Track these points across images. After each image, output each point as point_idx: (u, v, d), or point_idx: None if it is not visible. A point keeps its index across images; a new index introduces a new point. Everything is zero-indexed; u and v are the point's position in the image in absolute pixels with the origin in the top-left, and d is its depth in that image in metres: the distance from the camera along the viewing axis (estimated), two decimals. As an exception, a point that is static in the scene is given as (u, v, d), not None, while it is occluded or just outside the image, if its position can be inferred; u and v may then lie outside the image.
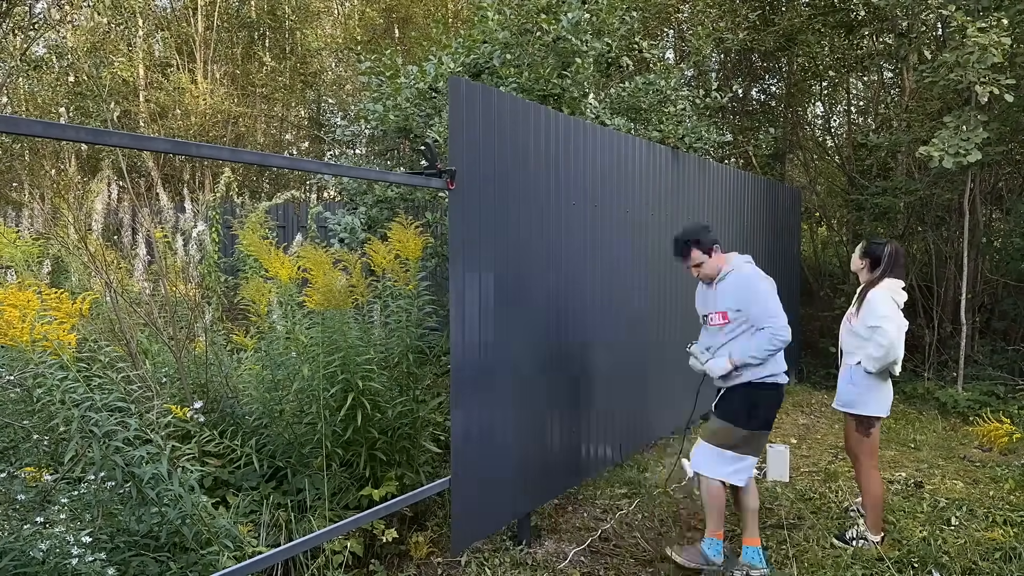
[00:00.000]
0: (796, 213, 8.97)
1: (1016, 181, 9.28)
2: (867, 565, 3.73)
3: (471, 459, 3.52)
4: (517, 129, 3.78)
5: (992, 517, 4.32)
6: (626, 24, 6.65)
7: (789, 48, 9.80)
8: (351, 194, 6.27)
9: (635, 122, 6.53)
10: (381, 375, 3.87)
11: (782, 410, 7.25)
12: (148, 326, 4.21)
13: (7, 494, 2.74)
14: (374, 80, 6.49)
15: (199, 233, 4.83)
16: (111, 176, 4.77)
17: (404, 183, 5.14)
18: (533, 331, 3.98)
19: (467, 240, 3.43)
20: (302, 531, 3.42)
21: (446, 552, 3.86)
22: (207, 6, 15.80)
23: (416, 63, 6.54)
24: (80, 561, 2.47)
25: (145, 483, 2.78)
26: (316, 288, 3.67)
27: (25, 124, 2.05)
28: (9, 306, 2.60)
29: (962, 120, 6.80)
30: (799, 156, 11.50)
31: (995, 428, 6.01)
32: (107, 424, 2.72)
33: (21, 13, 12.02)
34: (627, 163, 4.96)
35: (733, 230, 6.89)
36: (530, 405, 3.97)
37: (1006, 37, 6.35)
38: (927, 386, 7.90)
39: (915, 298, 9.38)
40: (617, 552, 3.98)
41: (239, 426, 3.91)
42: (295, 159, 3.26)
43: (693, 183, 5.99)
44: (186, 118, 14.85)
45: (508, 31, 5.89)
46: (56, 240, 5.31)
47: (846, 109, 11.89)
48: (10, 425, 3.31)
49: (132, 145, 2.38)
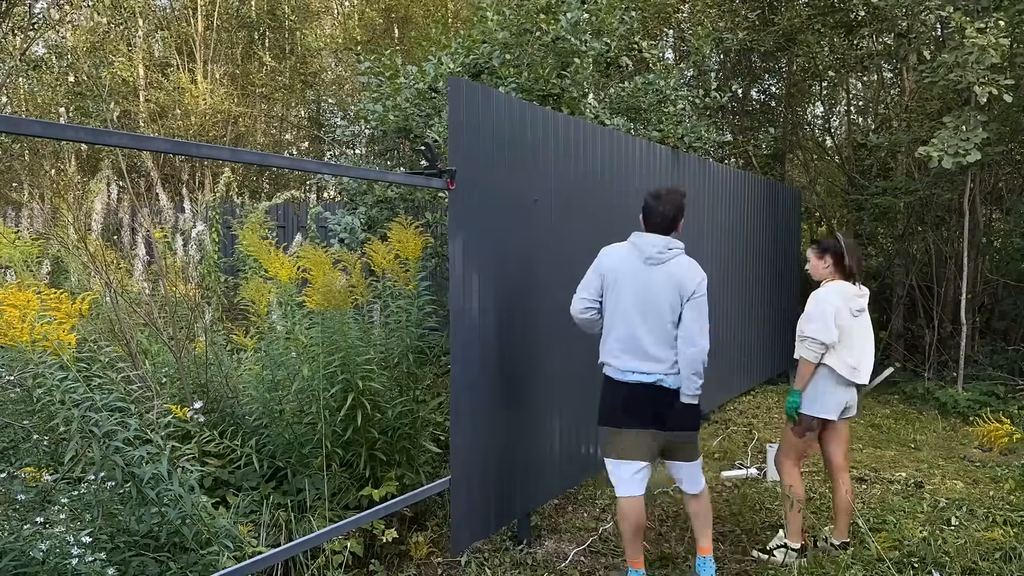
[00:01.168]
0: (796, 213, 8.97)
1: (1016, 181, 9.28)
2: (867, 565, 3.72)
3: (471, 459, 3.52)
4: (517, 129, 3.78)
5: (992, 517, 4.32)
6: (625, 24, 6.65)
7: (789, 48, 9.79)
8: (351, 194, 6.26)
9: (635, 122, 6.53)
10: (381, 375, 3.87)
11: (782, 409, 7.24)
12: (148, 326, 4.21)
13: (7, 494, 2.74)
14: (374, 80, 6.49)
15: (199, 233, 4.82)
16: (111, 176, 4.76)
17: (404, 183, 5.14)
18: (534, 331, 3.98)
19: (467, 240, 3.43)
20: (302, 531, 3.42)
21: (446, 552, 3.86)
22: (207, 6, 15.80)
23: (416, 63, 6.54)
24: (80, 561, 2.46)
25: (145, 483, 2.77)
26: (316, 288, 3.67)
27: (25, 124, 2.05)
28: (9, 306, 2.60)
29: (961, 120, 6.80)
30: (799, 156, 11.49)
31: (995, 428, 6.01)
32: (107, 424, 2.71)
33: (21, 13, 12.01)
34: (627, 163, 4.96)
35: (733, 230, 6.89)
36: (531, 405, 3.97)
37: (1004, 38, 6.35)
38: (927, 386, 7.90)
39: (915, 298, 9.39)
40: (617, 552, 3.98)
41: (239, 426, 3.90)
42: (295, 159, 3.27)
43: (693, 183, 5.99)
44: (186, 118, 14.84)
45: (507, 31, 5.89)
46: (56, 240, 5.30)
47: (846, 109, 11.89)
48: (10, 425, 3.31)
49: (132, 145, 2.37)
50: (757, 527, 4.32)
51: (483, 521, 3.68)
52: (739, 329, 7.04)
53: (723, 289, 6.52)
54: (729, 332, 6.74)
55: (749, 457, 5.67)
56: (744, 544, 4.09)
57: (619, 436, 3.33)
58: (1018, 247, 8.39)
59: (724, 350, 6.64)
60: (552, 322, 4.11)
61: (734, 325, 6.89)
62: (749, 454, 5.75)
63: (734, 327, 6.89)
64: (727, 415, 6.94)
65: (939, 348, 8.76)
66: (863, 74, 10.75)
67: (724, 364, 6.66)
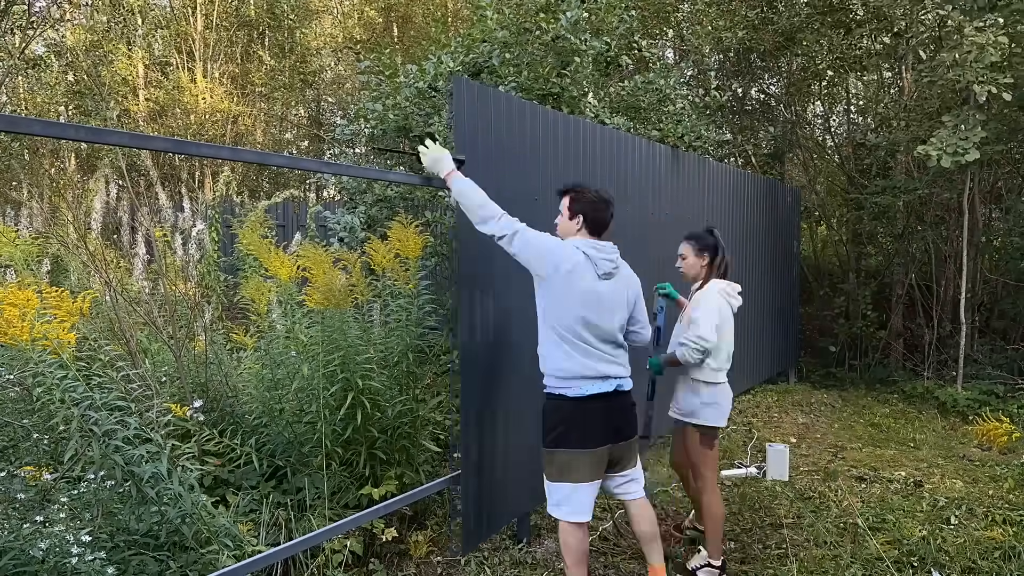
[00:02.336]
0: (796, 212, 8.97)
1: (1015, 180, 9.28)
2: (866, 564, 3.73)
3: (476, 459, 3.53)
4: (517, 128, 3.78)
5: (991, 516, 4.32)
6: (625, 23, 6.65)
7: (788, 47, 9.79)
8: (351, 193, 6.27)
9: (634, 121, 6.53)
10: (381, 374, 3.87)
11: (782, 409, 7.26)
12: (148, 325, 4.21)
13: (7, 493, 2.74)
14: (373, 79, 6.49)
15: (198, 232, 4.82)
16: (110, 175, 4.76)
17: (404, 182, 5.14)
18: (536, 330, 3.97)
19: (469, 238, 3.43)
20: (302, 530, 3.42)
21: (446, 551, 3.86)
22: (206, 5, 15.79)
23: (415, 62, 6.54)
24: (80, 560, 2.46)
25: (145, 482, 2.78)
26: (316, 287, 3.67)
27: (24, 123, 2.05)
28: (9, 305, 2.60)
29: (960, 119, 6.80)
30: (798, 155, 11.49)
31: (994, 427, 6.03)
32: (107, 423, 2.72)
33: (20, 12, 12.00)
34: (627, 162, 4.96)
35: (733, 230, 6.89)
36: (532, 404, 3.97)
37: (1003, 36, 6.35)
38: (927, 385, 7.91)
39: (914, 297, 9.40)
40: (617, 552, 3.98)
41: (239, 425, 3.90)
42: (295, 158, 3.27)
43: (693, 182, 5.99)
44: (185, 117, 14.84)
45: (507, 30, 5.89)
46: (55, 239, 5.30)
47: (845, 108, 11.89)
48: (10, 424, 3.31)
49: (132, 144, 2.37)
50: (757, 526, 4.33)
51: (490, 521, 3.68)
52: (738, 329, 7.03)
53: (723, 288, 6.51)
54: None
55: (749, 456, 5.67)
56: (744, 544, 4.09)
57: (575, 457, 3.05)
58: (1017, 246, 8.40)
59: (724, 349, 6.64)
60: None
61: (733, 324, 6.87)
62: (749, 453, 5.75)
63: (733, 327, 6.87)
64: (727, 414, 6.94)
65: (938, 347, 8.77)
66: (862, 73, 10.74)
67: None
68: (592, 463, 3.04)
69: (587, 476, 3.03)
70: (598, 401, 3.04)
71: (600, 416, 3.04)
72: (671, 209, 5.57)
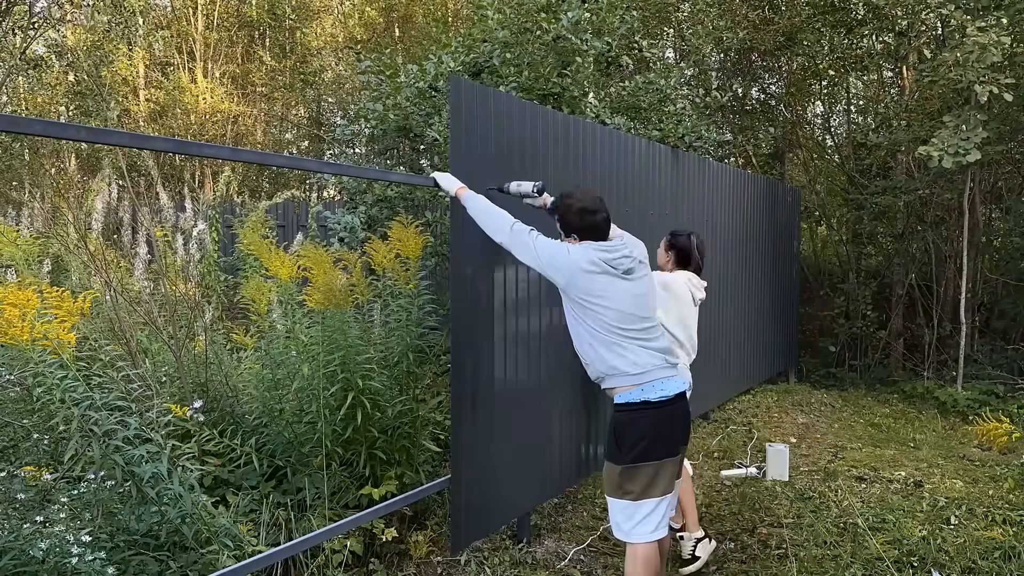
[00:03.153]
0: (796, 212, 8.97)
1: (1016, 180, 9.28)
2: (866, 564, 3.73)
3: (472, 458, 3.52)
4: (517, 128, 3.78)
5: (991, 516, 4.32)
6: (626, 23, 6.65)
7: (789, 47, 9.79)
8: (351, 193, 6.27)
9: (635, 121, 6.53)
10: (381, 374, 3.87)
11: (782, 409, 7.26)
12: (148, 325, 4.21)
13: (7, 493, 2.74)
14: (374, 79, 6.49)
15: (199, 232, 4.83)
16: (111, 175, 4.77)
17: (405, 182, 5.14)
18: (535, 331, 3.98)
19: (468, 239, 3.43)
20: (302, 530, 3.42)
21: (446, 551, 3.86)
22: (207, 5, 15.80)
23: (416, 62, 6.54)
24: (80, 560, 2.47)
25: (145, 482, 2.78)
26: (316, 287, 3.67)
27: (25, 123, 2.05)
28: (9, 305, 2.60)
29: (962, 119, 6.80)
30: (799, 155, 11.49)
31: (994, 427, 6.01)
32: (107, 423, 2.72)
33: (21, 12, 12.00)
34: (627, 162, 4.96)
35: (733, 229, 6.89)
36: (531, 404, 3.97)
37: (1005, 36, 6.35)
38: (927, 385, 7.91)
39: (915, 297, 9.40)
40: (617, 551, 3.98)
41: (239, 425, 3.91)
42: (295, 158, 3.27)
43: (693, 182, 5.99)
44: (186, 117, 14.85)
45: (508, 30, 5.88)
46: (56, 239, 5.31)
47: (846, 108, 11.89)
48: (10, 424, 3.31)
49: (132, 144, 2.38)
50: (757, 526, 4.33)
51: (483, 520, 3.68)
52: (738, 329, 7.04)
53: (722, 288, 6.52)
54: (728, 331, 6.74)
55: (749, 456, 5.67)
56: (744, 544, 4.09)
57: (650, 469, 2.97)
58: (1018, 246, 8.40)
59: (723, 349, 6.65)
60: (555, 322, 4.11)
61: (733, 324, 6.89)
62: (749, 453, 5.75)
63: (733, 326, 6.89)
64: (727, 414, 6.94)
65: (938, 347, 8.77)
66: (863, 73, 10.74)
67: (723, 363, 6.67)
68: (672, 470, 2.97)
69: (667, 487, 2.93)
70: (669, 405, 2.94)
71: (671, 420, 2.97)
72: (671, 209, 5.57)
